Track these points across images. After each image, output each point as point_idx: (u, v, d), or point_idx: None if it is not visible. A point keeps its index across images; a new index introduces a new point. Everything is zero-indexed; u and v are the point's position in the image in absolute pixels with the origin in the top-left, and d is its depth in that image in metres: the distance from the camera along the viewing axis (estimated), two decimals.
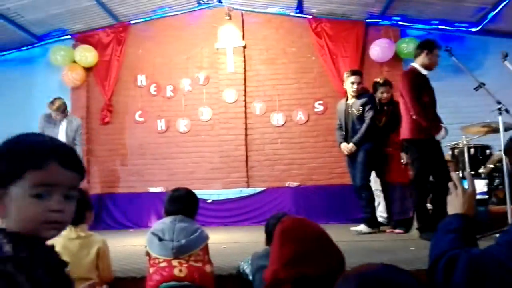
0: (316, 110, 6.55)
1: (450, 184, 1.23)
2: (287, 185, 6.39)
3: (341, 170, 6.37)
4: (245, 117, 6.63)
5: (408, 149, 3.99)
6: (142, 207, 6.36)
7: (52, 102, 5.66)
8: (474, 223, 1.15)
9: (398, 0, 5.86)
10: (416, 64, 4.01)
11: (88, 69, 6.85)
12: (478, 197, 2.94)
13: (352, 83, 4.54)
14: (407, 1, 5.89)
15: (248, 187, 6.45)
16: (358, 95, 4.55)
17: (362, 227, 4.36)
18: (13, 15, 6.17)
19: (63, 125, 5.65)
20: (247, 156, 6.58)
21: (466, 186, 1.22)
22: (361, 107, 4.47)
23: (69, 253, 2.17)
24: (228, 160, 6.57)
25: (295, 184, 6.40)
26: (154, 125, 6.78)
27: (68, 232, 2.22)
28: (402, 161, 4.36)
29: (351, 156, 4.54)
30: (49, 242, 2.09)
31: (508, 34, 6.10)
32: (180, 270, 2.12)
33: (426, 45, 4.00)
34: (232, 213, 6.13)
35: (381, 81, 4.64)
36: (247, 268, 2.22)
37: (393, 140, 4.40)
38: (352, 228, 4.42)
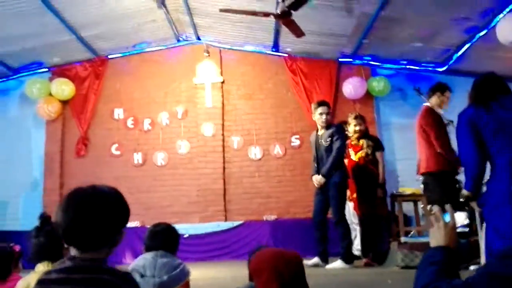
0: (292, 144, 6.69)
1: (432, 217, 1.32)
2: (265, 219, 6.40)
3: None
4: (223, 151, 6.69)
5: (430, 181, 3.96)
6: (123, 246, 6.18)
7: None
8: (456, 255, 1.23)
9: (369, 41, 6.19)
10: (430, 104, 4.19)
11: (64, 102, 6.82)
12: (459, 229, 3.03)
13: (321, 114, 4.49)
14: (377, 42, 6.23)
15: (226, 220, 6.43)
16: (327, 126, 4.52)
17: (338, 264, 4.28)
18: None
19: None
20: (225, 190, 6.60)
21: (447, 219, 1.31)
22: (329, 138, 4.43)
23: None
24: (206, 193, 6.56)
25: (273, 217, 6.42)
26: (131, 158, 6.74)
27: (44, 268, 2.16)
28: (378, 195, 4.47)
29: (322, 188, 4.46)
30: (25, 277, 2.05)
31: (472, 73, 6.50)
32: None
33: (439, 88, 4.25)
34: (209, 247, 6.06)
35: (354, 115, 4.77)
36: None
37: (369, 174, 4.52)
38: (328, 267, 4.30)
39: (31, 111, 6.87)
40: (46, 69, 7.02)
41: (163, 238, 2.43)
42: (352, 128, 4.68)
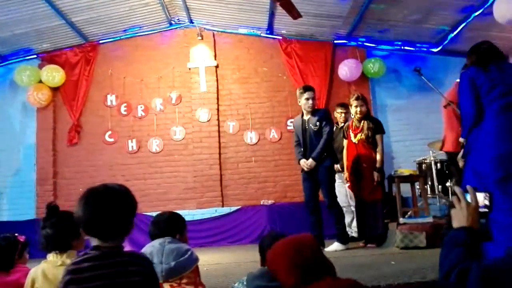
0: (288, 128, 6.66)
1: (454, 198, 1.31)
2: (262, 203, 6.41)
3: None
4: (219, 136, 6.64)
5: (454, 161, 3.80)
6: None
7: None
8: (479, 235, 1.23)
9: (363, 22, 6.14)
10: None
11: (55, 89, 6.67)
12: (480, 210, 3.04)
13: (307, 99, 4.45)
14: (372, 23, 6.18)
15: (223, 206, 6.42)
16: (313, 111, 4.50)
17: (335, 246, 4.35)
18: None
19: None
20: (221, 175, 6.57)
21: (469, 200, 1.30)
22: (318, 123, 4.42)
23: (54, 279, 2.08)
24: (202, 179, 6.53)
25: (269, 201, 6.43)
26: (125, 145, 6.66)
27: (54, 258, 2.14)
28: (375, 179, 4.45)
29: (310, 172, 4.45)
30: (36, 266, 2.03)
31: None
32: None
33: None
34: (208, 233, 6.06)
35: (355, 96, 4.66)
36: None
37: (367, 156, 4.51)
38: (327, 249, 4.32)
39: (21, 99, 6.73)
40: (35, 56, 6.85)
41: (168, 225, 2.42)
42: (353, 109, 4.58)
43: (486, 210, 1.32)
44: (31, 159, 6.62)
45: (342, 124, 5.16)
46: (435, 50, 6.64)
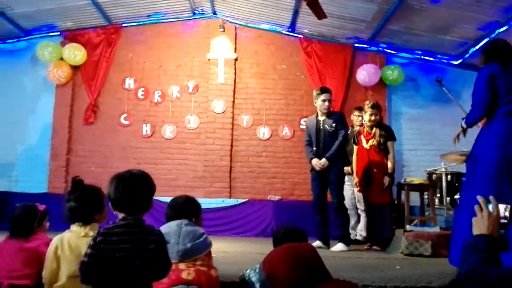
0: (301, 126, 6.69)
1: (476, 207, 1.37)
2: (269, 198, 6.47)
3: None
4: (232, 129, 6.71)
5: None
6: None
7: None
8: (498, 243, 1.29)
9: (386, 28, 6.15)
10: None
11: (75, 68, 6.76)
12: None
13: (324, 100, 4.53)
14: (394, 30, 6.20)
15: (230, 197, 6.50)
16: (328, 113, 4.59)
17: (340, 247, 4.40)
18: (3, 7, 6.05)
19: None
20: (231, 167, 6.64)
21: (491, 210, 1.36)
22: (334, 124, 4.50)
23: (76, 248, 2.17)
24: (212, 169, 6.60)
25: (276, 197, 6.50)
26: (139, 129, 6.75)
27: (77, 229, 2.22)
28: (384, 183, 4.51)
29: (321, 172, 4.51)
30: (60, 234, 2.13)
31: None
32: (188, 274, 2.15)
33: None
34: (213, 222, 6.13)
35: (371, 103, 4.74)
36: (253, 277, 2.27)
37: (379, 162, 4.56)
38: (332, 249, 4.39)
39: (41, 74, 6.81)
40: (58, 33, 6.93)
41: (184, 209, 2.49)
42: (367, 116, 4.64)
43: (506, 221, 1.37)
44: (47, 134, 6.72)
45: (358, 127, 5.22)
46: (455, 62, 6.64)
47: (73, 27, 6.85)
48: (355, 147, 4.82)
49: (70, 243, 2.17)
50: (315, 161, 4.53)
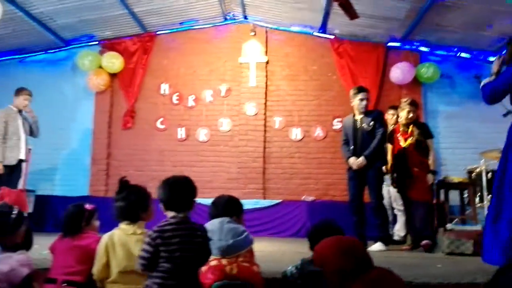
0: (334, 127, 6.69)
1: None
2: (302, 199, 6.49)
3: None
4: (264, 130, 6.78)
5: None
6: (159, 213, 6.43)
7: (29, 94, 5.44)
8: None
9: (420, 26, 6.06)
10: None
11: (113, 75, 7.03)
12: None
13: (361, 99, 4.53)
14: (428, 28, 6.09)
15: (264, 198, 6.55)
16: (366, 112, 4.56)
17: (378, 246, 4.34)
18: (45, 18, 6.36)
19: (19, 119, 5.39)
20: (264, 168, 6.70)
21: None
22: (372, 123, 4.47)
23: (125, 245, 2.28)
24: (246, 171, 6.69)
25: (310, 198, 6.50)
26: (174, 133, 6.93)
27: (126, 227, 2.33)
28: (428, 181, 4.41)
29: (358, 172, 4.47)
30: (109, 232, 2.26)
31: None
32: (231, 269, 2.22)
33: None
34: (248, 223, 6.03)
35: (409, 100, 4.64)
36: (295, 274, 2.32)
37: (419, 161, 4.47)
38: (370, 249, 4.29)
39: (81, 82, 7.11)
40: (96, 42, 7.23)
41: (226, 207, 2.58)
42: (404, 114, 4.54)
43: None
44: (87, 139, 7.01)
45: (392, 126, 5.15)
46: (492, 58, 6.43)
47: (111, 36, 7.12)
48: (390, 146, 4.75)
49: (119, 240, 2.28)
50: (352, 160, 4.48)
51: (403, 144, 4.53)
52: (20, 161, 5.33)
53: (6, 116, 5.23)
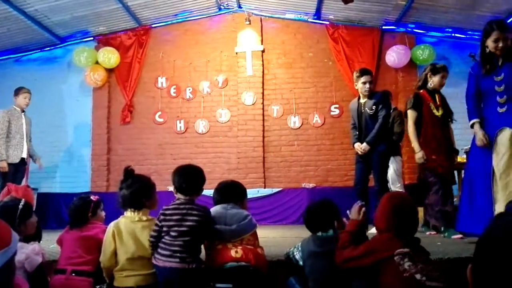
0: (332, 113, 6.73)
1: None
2: (303, 186, 6.54)
3: None
4: (263, 119, 6.81)
5: None
6: (161, 205, 6.48)
7: (28, 92, 5.50)
8: None
9: (414, 8, 6.06)
10: None
11: (110, 70, 7.03)
12: None
13: (364, 82, 4.39)
14: (422, 9, 6.10)
15: (265, 187, 6.61)
16: (370, 95, 4.43)
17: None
18: (40, 16, 6.35)
19: (23, 119, 5.47)
20: (264, 158, 6.75)
21: None
22: (374, 106, 4.35)
23: (131, 232, 2.33)
24: (246, 161, 6.73)
25: (311, 185, 6.56)
26: (173, 125, 6.96)
27: (131, 214, 2.39)
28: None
29: (364, 156, 4.40)
30: (115, 221, 2.32)
31: None
32: (236, 252, 2.27)
33: None
34: (250, 212, 6.25)
35: (443, 66, 4.21)
36: (296, 254, 2.37)
37: (447, 136, 4.07)
38: (370, 232, 4.34)
39: (78, 79, 7.13)
40: (91, 38, 7.22)
41: (230, 193, 2.61)
42: (438, 79, 4.11)
43: None
44: (87, 135, 7.05)
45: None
46: None
47: (106, 32, 7.11)
48: (413, 114, 4.06)
49: (126, 228, 2.34)
50: (356, 146, 4.45)
51: (436, 112, 4.04)
52: (23, 160, 5.38)
53: (9, 116, 5.30)
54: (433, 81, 4.14)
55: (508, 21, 5.93)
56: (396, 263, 1.82)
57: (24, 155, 5.40)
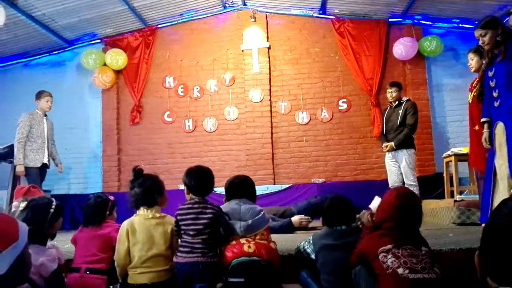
0: (340, 108, 6.72)
1: None
2: (312, 182, 6.54)
3: (366, 166, 6.55)
4: (271, 116, 6.81)
5: None
6: (172, 204, 6.50)
7: (49, 95, 5.55)
8: None
9: None
10: None
11: (118, 72, 7.09)
12: None
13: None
14: (429, 0, 6.04)
15: (274, 184, 6.62)
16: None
17: None
18: (47, 20, 6.43)
19: (45, 123, 5.53)
20: (273, 154, 6.76)
21: None
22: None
23: (146, 230, 2.37)
24: (255, 158, 6.75)
25: (320, 180, 6.56)
26: (182, 125, 7.00)
27: (144, 212, 2.42)
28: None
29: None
30: (128, 219, 2.35)
31: None
32: (249, 247, 2.30)
33: None
34: None
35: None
36: (308, 248, 2.38)
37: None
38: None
39: (87, 81, 7.20)
40: (99, 40, 7.28)
41: (242, 188, 2.63)
42: (477, 63, 3.91)
43: None
44: (97, 137, 7.13)
45: (396, 103, 5.23)
46: None
47: (113, 33, 7.17)
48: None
49: (140, 225, 2.37)
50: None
51: (469, 97, 3.90)
52: (44, 165, 5.43)
53: (31, 120, 5.35)
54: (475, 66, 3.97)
55: None
56: (381, 262, 1.83)
57: (45, 160, 5.42)
